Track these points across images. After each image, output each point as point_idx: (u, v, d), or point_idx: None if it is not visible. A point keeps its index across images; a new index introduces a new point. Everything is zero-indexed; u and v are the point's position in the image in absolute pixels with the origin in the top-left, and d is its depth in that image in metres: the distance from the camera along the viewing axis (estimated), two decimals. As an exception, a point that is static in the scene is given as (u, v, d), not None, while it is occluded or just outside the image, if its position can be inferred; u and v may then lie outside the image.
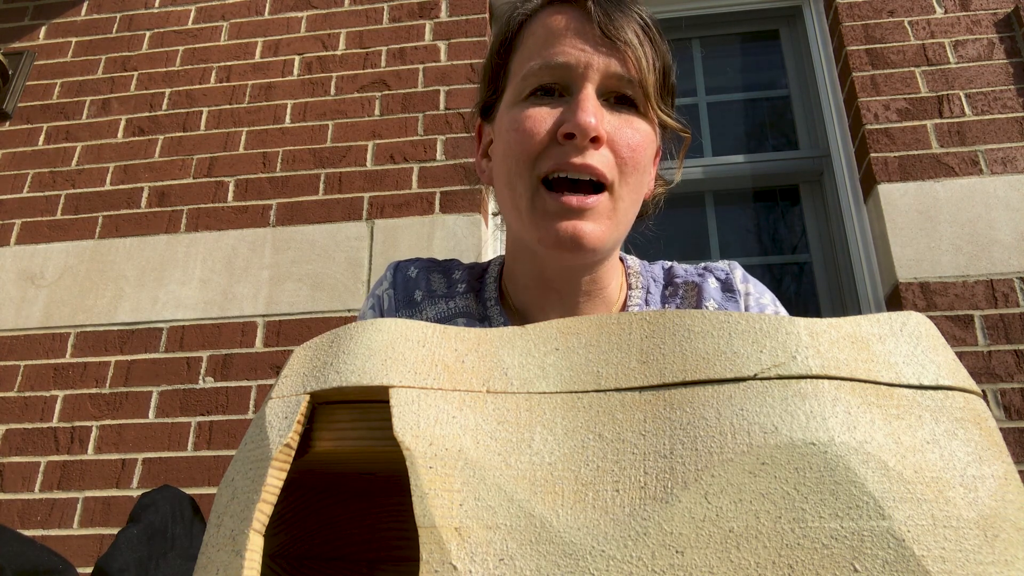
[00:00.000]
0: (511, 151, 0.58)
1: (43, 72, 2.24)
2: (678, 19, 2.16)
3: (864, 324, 0.30)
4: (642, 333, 0.30)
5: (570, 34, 0.58)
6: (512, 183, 0.58)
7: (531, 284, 0.64)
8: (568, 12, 0.59)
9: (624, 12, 0.58)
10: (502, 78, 0.63)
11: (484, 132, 0.68)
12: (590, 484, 0.26)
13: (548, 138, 0.56)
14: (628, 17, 0.58)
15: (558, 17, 0.59)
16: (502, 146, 0.60)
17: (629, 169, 0.57)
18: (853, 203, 1.83)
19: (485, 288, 0.68)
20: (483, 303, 0.67)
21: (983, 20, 1.86)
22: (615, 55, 0.57)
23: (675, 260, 0.72)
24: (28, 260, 1.96)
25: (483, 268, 0.71)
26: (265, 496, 0.28)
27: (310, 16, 2.17)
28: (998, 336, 1.54)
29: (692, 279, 0.67)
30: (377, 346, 0.30)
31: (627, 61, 0.57)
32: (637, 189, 0.59)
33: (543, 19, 0.60)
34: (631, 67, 0.57)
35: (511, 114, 0.59)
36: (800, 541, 0.24)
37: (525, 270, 0.64)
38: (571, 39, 0.57)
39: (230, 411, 1.71)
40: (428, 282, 0.68)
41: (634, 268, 0.69)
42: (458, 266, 0.71)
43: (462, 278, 0.69)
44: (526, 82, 0.58)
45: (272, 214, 1.92)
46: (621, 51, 0.57)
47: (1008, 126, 1.73)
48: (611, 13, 0.57)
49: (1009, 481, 0.26)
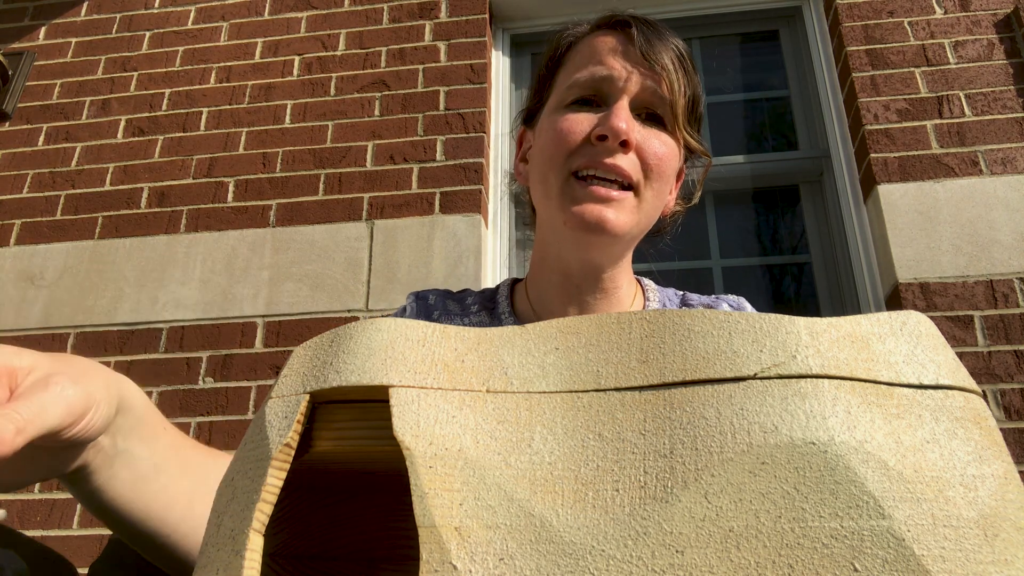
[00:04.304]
0: (548, 148, 0.64)
1: (43, 72, 2.24)
2: (678, 19, 2.16)
3: (864, 323, 0.30)
4: (642, 332, 0.30)
5: (613, 53, 0.65)
6: (546, 176, 0.64)
7: (554, 279, 0.69)
8: (613, 36, 0.66)
9: (663, 41, 0.65)
10: (547, 89, 0.70)
11: (525, 138, 0.74)
12: (590, 483, 0.26)
13: (583, 139, 0.62)
14: (666, 46, 0.65)
15: (604, 39, 0.66)
16: (540, 144, 0.67)
17: (654, 175, 0.63)
18: (853, 203, 1.83)
19: (497, 305, 0.74)
20: (496, 318, 0.72)
21: (983, 20, 1.86)
22: (651, 76, 0.63)
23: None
24: (28, 260, 1.96)
25: (493, 290, 0.78)
26: (265, 496, 0.28)
27: (310, 16, 2.17)
28: (998, 336, 1.54)
29: (707, 304, 0.73)
30: (377, 345, 0.30)
31: (661, 82, 0.63)
32: (660, 195, 0.65)
33: (590, 40, 0.68)
34: (664, 88, 0.63)
35: (552, 118, 0.66)
36: (800, 540, 0.24)
37: (551, 265, 0.69)
38: (614, 57, 0.64)
39: (230, 411, 1.71)
40: (445, 307, 0.74)
41: (651, 287, 0.75)
42: (470, 293, 0.78)
43: (474, 301, 0.75)
44: (569, 91, 0.65)
45: (272, 214, 1.92)
46: (657, 73, 0.63)
47: (1008, 126, 1.73)
48: (651, 40, 0.64)
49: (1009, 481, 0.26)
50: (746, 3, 2.14)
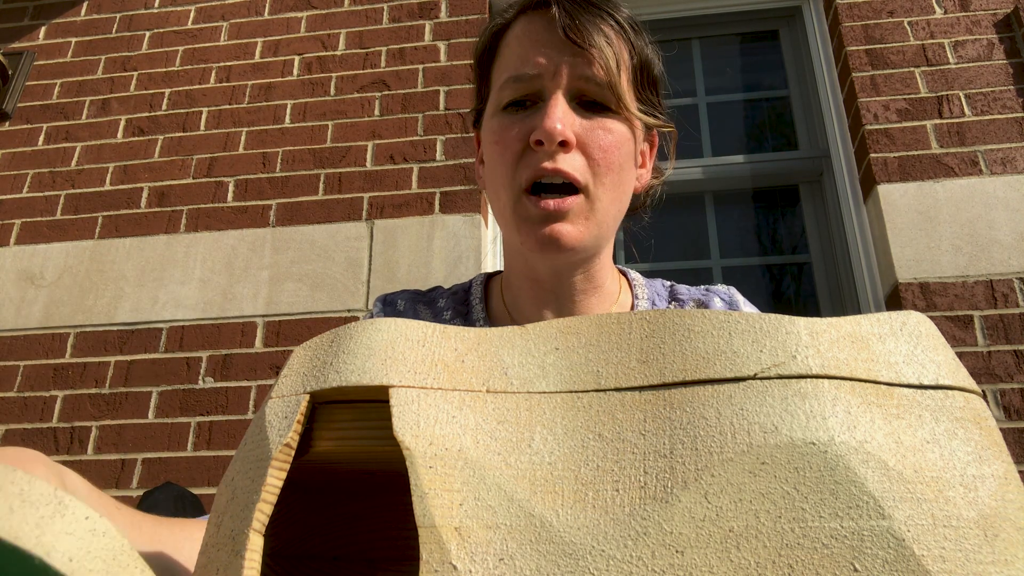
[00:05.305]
0: (493, 162, 0.61)
1: (43, 72, 2.24)
2: (678, 19, 2.16)
3: (864, 323, 0.30)
4: (642, 333, 0.30)
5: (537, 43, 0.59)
6: (498, 192, 0.61)
7: (526, 286, 0.66)
8: (536, 21, 0.60)
9: (591, 14, 0.59)
10: (485, 88, 0.66)
11: (480, 139, 0.70)
12: (590, 484, 0.26)
13: (522, 146, 0.58)
14: (596, 19, 0.59)
15: (528, 27, 0.61)
16: (487, 156, 0.63)
17: (603, 170, 0.58)
18: (853, 203, 1.83)
19: (471, 310, 0.69)
20: (471, 324, 0.68)
21: (983, 20, 1.86)
22: (582, 61, 0.57)
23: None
24: (28, 260, 1.96)
25: (465, 290, 0.73)
26: (265, 496, 0.28)
27: (310, 16, 2.17)
28: (998, 336, 1.54)
29: (697, 297, 0.69)
30: (377, 346, 0.30)
31: (594, 64, 0.57)
32: (616, 188, 0.60)
33: (516, 29, 0.62)
34: (598, 70, 0.57)
35: (490, 125, 0.62)
36: (800, 541, 0.24)
37: (520, 271, 0.66)
38: (538, 48, 0.59)
39: (230, 411, 1.71)
40: (416, 313, 0.70)
41: (638, 281, 0.71)
42: (441, 294, 0.73)
43: (447, 305, 0.71)
44: (501, 94, 0.61)
45: (272, 214, 1.92)
46: (588, 55, 0.57)
47: (1008, 126, 1.73)
48: (577, 17, 0.58)
49: (1009, 481, 0.26)
50: (746, 3, 2.14)
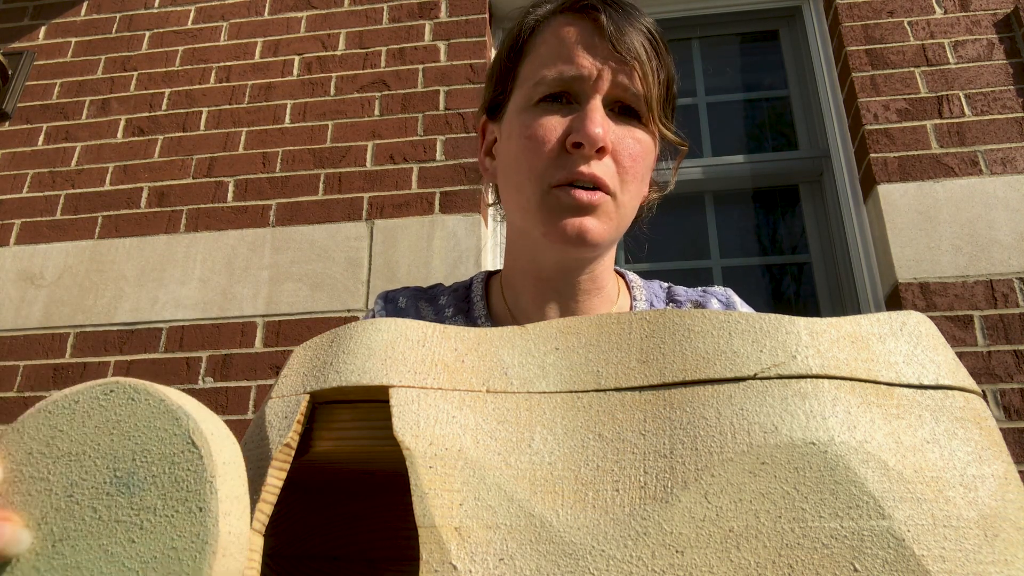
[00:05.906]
0: (522, 157, 0.60)
1: (43, 72, 2.24)
2: (678, 19, 2.16)
3: (864, 323, 0.30)
4: (642, 333, 0.30)
5: (582, 47, 0.60)
6: (521, 186, 0.61)
7: (529, 283, 0.65)
8: (580, 24, 0.61)
9: (633, 25, 0.60)
10: (511, 80, 0.65)
11: (488, 130, 0.69)
12: (590, 484, 0.26)
13: (558, 146, 0.58)
14: (637, 30, 0.60)
15: (570, 29, 0.61)
16: (513, 149, 0.62)
17: (629, 178, 0.60)
18: (853, 203, 1.83)
19: (473, 307, 0.70)
20: (472, 322, 0.68)
21: (983, 20, 1.86)
22: (623, 70, 0.59)
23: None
24: (28, 260, 1.96)
25: (466, 287, 0.73)
26: (265, 496, 0.28)
27: (310, 16, 2.17)
28: (998, 336, 1.54)
29: (695, 298, 0.69)
30: (377, 346, 0.30)
31: (634, 75, 0.59)
32: (636, 196, 0.62)
33: (555, 28, 0.62)
34: (638, 82, 0.59)
35: (521, 119, 0.61)
36: (800, 541, 0.24)
37: (524, 269, 0.66)
38: (583, 52, 0.59)
39: (230, 411, 1.71)
40: (417, 310, 0.70)
41: (636, 282, 0.71)
42: (442, 291, 0.73)
43: (448, 303, 0.71)
44: (537, 89, 0.60)
45: (272, 214, 1.92)
46: (629, 65, 0.59)
47: (1008, 126, 1.73)
48: (622, 27, 0.59)
49: (1009, 481, 0.26)
50: (746, 3, 2.14)
